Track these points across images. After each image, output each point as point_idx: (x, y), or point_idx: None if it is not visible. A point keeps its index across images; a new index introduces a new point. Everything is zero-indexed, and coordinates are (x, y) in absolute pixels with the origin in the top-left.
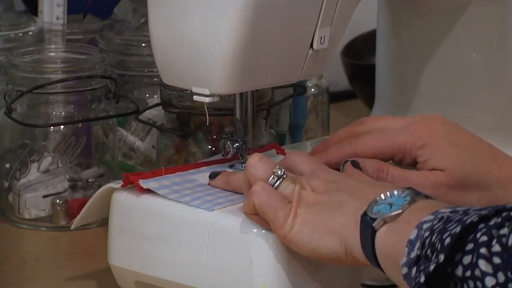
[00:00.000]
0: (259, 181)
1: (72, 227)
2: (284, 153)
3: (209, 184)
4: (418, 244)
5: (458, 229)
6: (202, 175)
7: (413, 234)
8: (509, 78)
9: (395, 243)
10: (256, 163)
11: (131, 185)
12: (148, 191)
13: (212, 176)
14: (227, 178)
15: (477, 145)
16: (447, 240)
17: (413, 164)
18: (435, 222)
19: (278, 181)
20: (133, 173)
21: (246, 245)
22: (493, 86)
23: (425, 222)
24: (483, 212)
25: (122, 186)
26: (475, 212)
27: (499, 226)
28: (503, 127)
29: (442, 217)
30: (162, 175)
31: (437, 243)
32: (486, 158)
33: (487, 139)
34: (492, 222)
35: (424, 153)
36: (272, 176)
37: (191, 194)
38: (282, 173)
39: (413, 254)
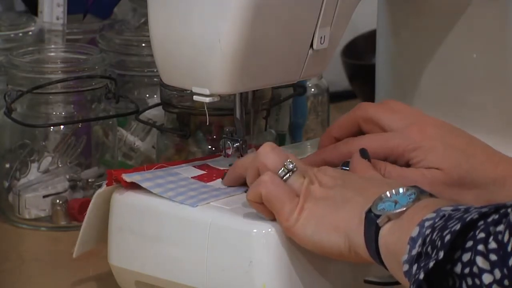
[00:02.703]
0: (268, 171)
1: (74, 255)
2: None
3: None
4: (419, 241)
5: (458, 226)
6: (184, 169)
7: (415, 232)
8: (509, 78)
9: (397, 240)
10: (268, 153)
11: (117, 183)
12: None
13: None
14: (234, 166)
15: (472, 146)
16: (447, 237)
17: (407, 166)
18: (436, 220)
19: (288, 174)
20: (115, 170)
21: (246, 245)
22: (493, 86)
23: (427, 219)
24: (484, 210)
25: (107, 184)
26: (476, 210)
27: (497, 222)
28: (503, 127)
29: (444, 215)
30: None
31: (437, 240)
32: (482, 158)
33: (487, 139)
34: (490, 219)
35: (418, 154)
36: (282, 169)
37: (175, 188)
38: (292, 167)
39: (414, 252)
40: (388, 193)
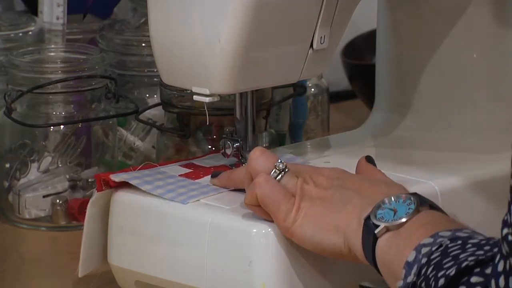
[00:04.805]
0: (262, 173)
1: (80, 275)
2: None
3: (210, 183)
4: (415, 269)
5: (453, 271)
6: (170, 168)
7: (411, 256)
8: (509, 78)
9: (393, 256)
10: (258, 156)
11: (107, 186)
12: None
13: (214, 175)
14: (229, 175)
15: None
16: (441, 281)
17: None
18: (433, 249)
19: (280, 175)
20: (103, 173)
21: (246, 245)
22: (493, 86)
23: (424, 245)
24: (480, 257)
25: (97, 190)
26: (472, 251)
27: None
28: (503, 127)
29: (441, 244)
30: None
31: (431, 280)
32: None
33: (487, 139)
34: (488, 270)
35: None
36: (274, 170)
37: (164, 186)
38: (284, 167)
39: (409, 279)
40: (387, 200)
